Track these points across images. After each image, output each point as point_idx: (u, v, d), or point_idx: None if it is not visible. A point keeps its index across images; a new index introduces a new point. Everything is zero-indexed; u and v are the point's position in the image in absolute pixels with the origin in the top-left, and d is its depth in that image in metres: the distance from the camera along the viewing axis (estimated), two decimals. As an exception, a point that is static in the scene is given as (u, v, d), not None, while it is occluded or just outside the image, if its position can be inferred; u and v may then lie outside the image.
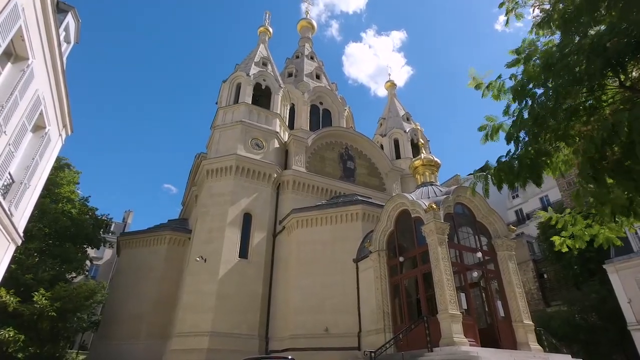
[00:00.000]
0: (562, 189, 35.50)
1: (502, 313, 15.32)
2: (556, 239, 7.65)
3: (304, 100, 34.83)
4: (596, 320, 23.73)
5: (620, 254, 22.16)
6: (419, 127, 29.17)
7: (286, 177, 25.21)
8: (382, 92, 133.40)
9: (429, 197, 16.98)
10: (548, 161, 6.02)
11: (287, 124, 29.91)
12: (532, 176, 5.77)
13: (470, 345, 13.19)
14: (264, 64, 30.59)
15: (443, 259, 14.41)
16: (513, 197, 43.42)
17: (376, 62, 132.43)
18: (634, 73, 5.44)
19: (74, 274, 26.07)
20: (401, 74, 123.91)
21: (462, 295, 14.76)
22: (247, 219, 22.82)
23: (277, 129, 27.04)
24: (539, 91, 5.66)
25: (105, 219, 28.81)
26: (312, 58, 41.96)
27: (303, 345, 18.63)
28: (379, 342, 15.52)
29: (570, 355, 14.10)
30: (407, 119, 36.36)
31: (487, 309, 16.19)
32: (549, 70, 5.31)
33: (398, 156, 33.34)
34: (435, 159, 20.24)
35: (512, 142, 5.86)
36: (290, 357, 10.94)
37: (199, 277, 20.52)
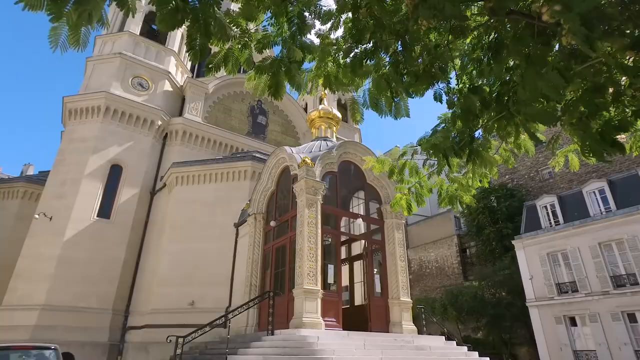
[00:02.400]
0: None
1: (378, 289, 13.08)
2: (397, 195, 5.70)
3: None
4: (505, 295, 23.19)
5: (532, 229, 21.02)
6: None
7: (175, 126, 21.30)
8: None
9: (310, 152, 14.07)
10: None
11: (191, 66, 25.59)
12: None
13: (328, 325, 10.82)
14: (166, -8, 25.60)
15: (309, 224, 11.70)
16: (447, 172, 42.56)
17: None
18: None
19: None
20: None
21: (331, 267, 12.27)
22: (116, 171, 18.92)
23: (171, 69, 22.71)
24: None
25: None
26: None
27: (164, 321, 15.78)
28: (244, 319, 13.07)
29: (444, 337, 12.20)
30: (338, 77, 33.13)
31: (365, 285, 13.92)
32: None
33: (322, 116, 30.19)
34: (335, 111, 17.29)
35: None
36: (53, 346, 7.88)
37: (39, 238, 16.66)
